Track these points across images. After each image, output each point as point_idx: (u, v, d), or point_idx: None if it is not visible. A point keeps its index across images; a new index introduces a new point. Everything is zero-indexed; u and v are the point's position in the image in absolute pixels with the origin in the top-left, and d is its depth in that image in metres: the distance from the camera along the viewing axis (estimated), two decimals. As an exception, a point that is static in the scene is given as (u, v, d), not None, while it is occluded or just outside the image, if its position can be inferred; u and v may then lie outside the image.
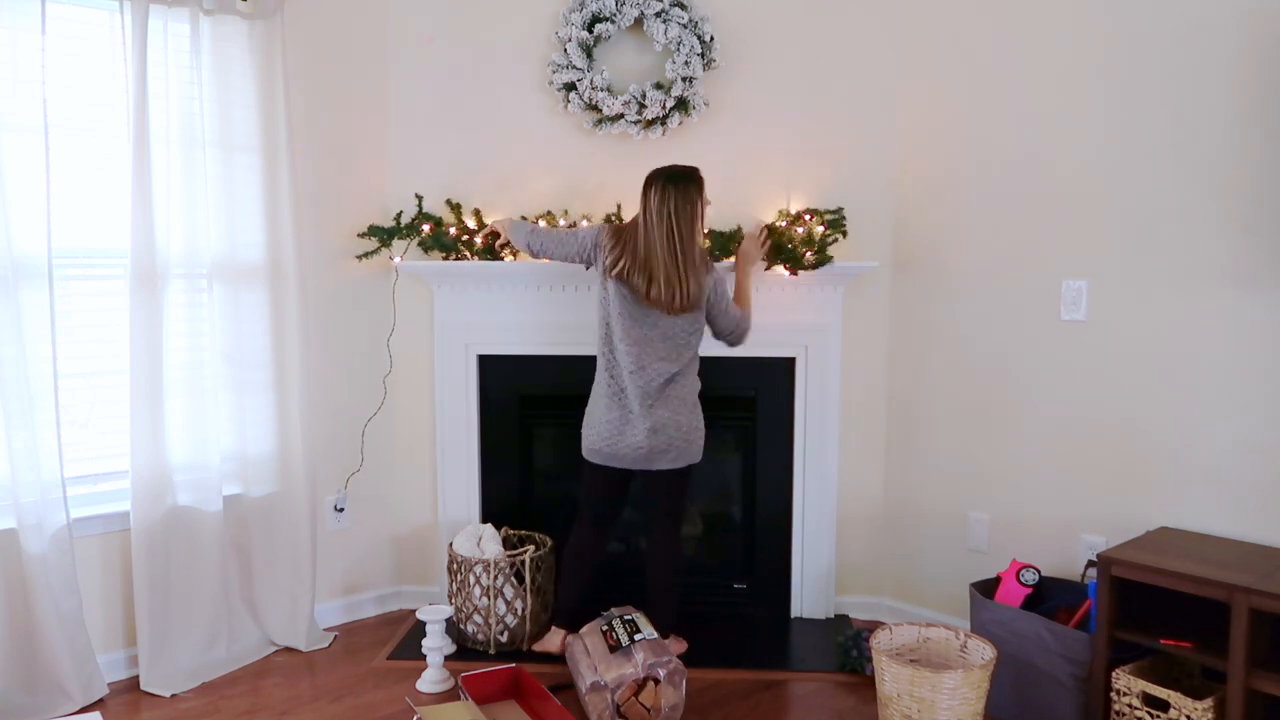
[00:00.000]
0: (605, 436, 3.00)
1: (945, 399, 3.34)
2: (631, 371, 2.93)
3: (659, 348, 2.93)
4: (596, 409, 3.04)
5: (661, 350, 2.93)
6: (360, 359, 3.53)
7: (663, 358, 2.93)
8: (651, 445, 2.94)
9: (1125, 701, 2.47)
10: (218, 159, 3.05)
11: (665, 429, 2.94)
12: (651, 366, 2.92)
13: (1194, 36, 2.69)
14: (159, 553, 2.97)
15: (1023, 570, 2.84)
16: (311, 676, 3.07)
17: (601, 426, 3.01)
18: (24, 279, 2.67)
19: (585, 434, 3.09)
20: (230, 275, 3.11)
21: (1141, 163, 2.81)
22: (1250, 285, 2.62)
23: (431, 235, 3.38)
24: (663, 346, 2.93)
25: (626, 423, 2.97)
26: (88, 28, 2.90)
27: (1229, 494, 2.68)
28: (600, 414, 3.02)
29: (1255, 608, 2.25)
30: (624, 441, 2.97)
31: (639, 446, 2.95)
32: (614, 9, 3.29)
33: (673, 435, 2.95)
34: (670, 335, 2.93)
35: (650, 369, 2.92)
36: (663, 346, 2.93)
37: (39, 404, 2.70)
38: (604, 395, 3.01)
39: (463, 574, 3.22)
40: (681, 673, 2.67)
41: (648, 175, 2.93)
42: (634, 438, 2.96)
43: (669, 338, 2.93)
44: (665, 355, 2.93)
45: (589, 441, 3.06)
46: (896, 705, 2.52)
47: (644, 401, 2.94)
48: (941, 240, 3.32)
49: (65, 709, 2.76)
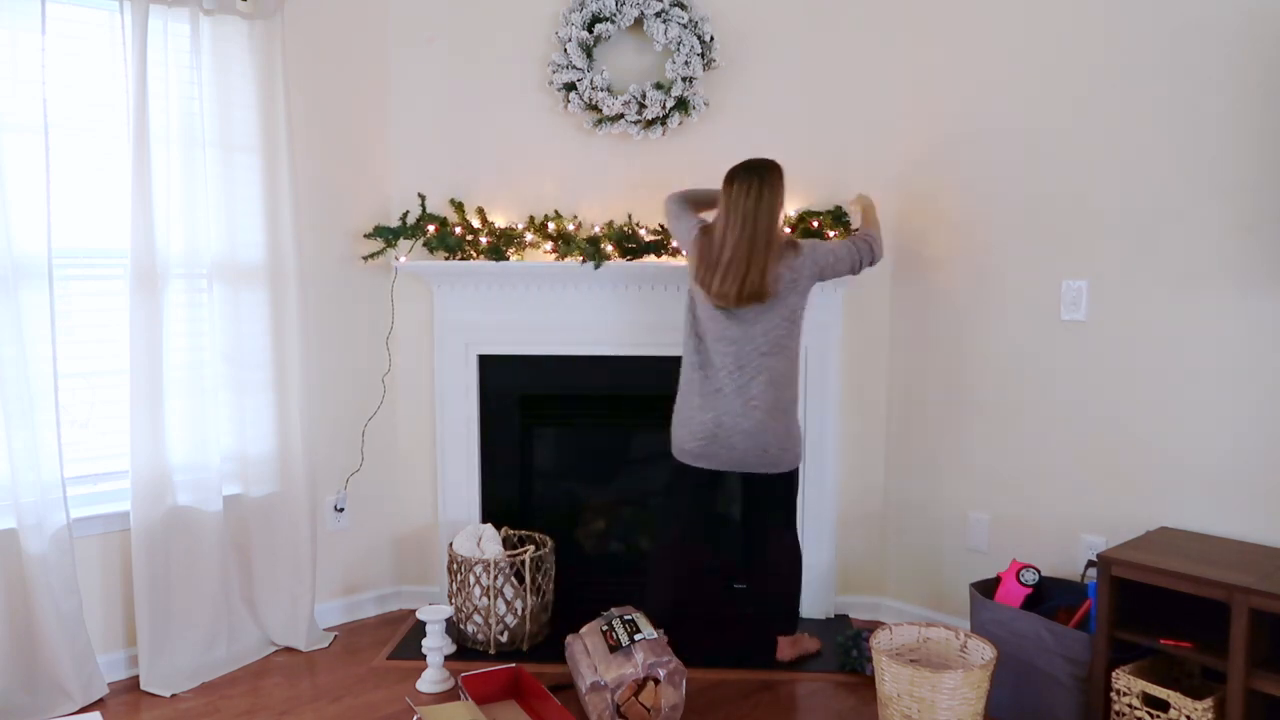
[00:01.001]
0: (697, 436, 2.93)
1: (945, 399, 3.34)
2: (729, 371, 2.89)
3: (759, 342, 2.88)
4: (689, 410, 2.97)
5: (763, 344, 2.89)
6: (360, 359, 3.53)
7: (764, 352, 2.89)
8: (746, 448, 2.90)
9: (1125, 701, 2.47)
10: (218, 159, 3.05)
11: (760, 434, 2.89)
12: (752, 362, 2.88)
13: (1194, 36, 2.69)
14: (159, 553, 2.97)
15: (1023, 570, 2.84)
16: (311, 676, 3.07)
17: (698, 428, 2.93)
18: (24, 279, 2.67)
19: (673, 432, 3.03)
20: (230, 275, 3.11)
21: (1142, 163, 2.81)
22: (1251, 285, 2.62)
23: (436, 235, 3.38)
24: (763, 340, 2.89)
25: (721, 425, 2.90)
26: (88, 28, 2.90)
27: (1229, 494, 2.68)
28: (695, 415, 2.94)
29: (1255, 608, 2.25)
30: (718, 443, 2.91)
31: (734, 448, 2.90)
32: (614, 9, 3.29)
33: (767, 442, 2.91)
34: (769, 329, 2.89)
35: (751, 365, 2.88)
36: (763, 340, 2.89)
37: (39, 404, 2.70)
38: (697, 395, 2.95)
39: (463, 574, 3.22)
40: (681, 673, 2.67)
41: (728, 173, 2.90)
42: (729, 439, 2.90)
43: (768, 331, 2.89)
44: (766, 350, 2.89)
45: (683, 443, 2.99)
46: (896, 705, 2.52)
47: (744, 400, 2.88)
48: (941, 240, 3.32)
49: (65, 709, 2.76)
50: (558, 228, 3.35)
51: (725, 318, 2.89)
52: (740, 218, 2.84)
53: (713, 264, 2.86)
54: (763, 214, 2.84)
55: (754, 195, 2.84)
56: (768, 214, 2.85)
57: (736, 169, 2.90)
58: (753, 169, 2.88)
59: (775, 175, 2.88)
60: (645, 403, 3.52)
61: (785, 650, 3.14)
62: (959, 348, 3.29)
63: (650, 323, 3.42)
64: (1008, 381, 3.17)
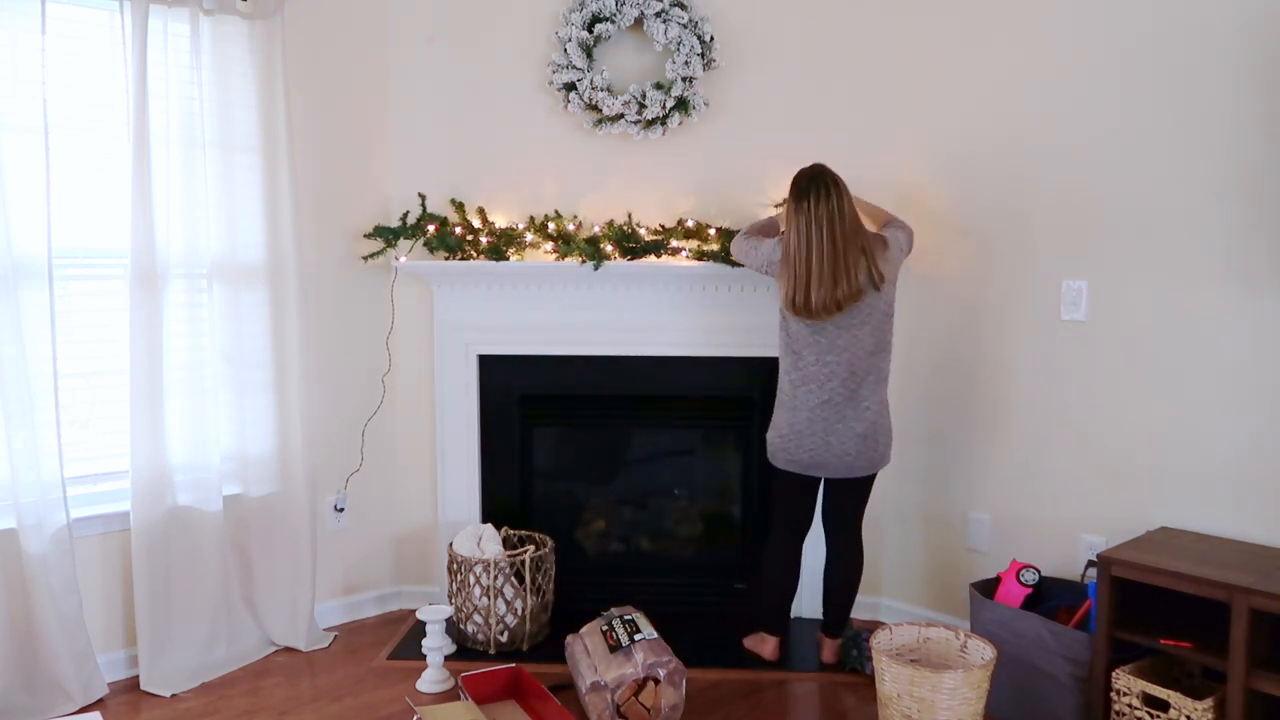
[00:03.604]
0: (808, 448, 2.91)
1: (945, 399, 3.34)
2: (844, 378, 2.87)
3: (867, 343, 2.87)
4: (793, 419, 2.93)
5: (869, 344, 2.87)
6: (360, 359, 3.53)
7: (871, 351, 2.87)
8: (858, 452, 2.90)
9: (1125, 701, 2.47)
10: (218, 159, 3.05)
11: (872, 435, 2.90)
12: (861, 364, 2.87)
13: (1195, 35, 2.69)
14: (159, 553, 2.97)
15: (1023, 570, 2.84)
16: (311, 676, 3.07)
17: (804, 438, 2.91)
18: (24, 279, 2.67)
19: (776, 441, 2.98)
20: (230, 275, 3.11)
21: (1142, 162, 2.81)
22: (1251, 284, 2.62)
23: (436, 235, 3.38)
24: (870, 340, 2.87)
25: (831, 433, 2.89)
26: (88, 28, 2.90)
27: (1229, 494, 2.68)
28: (798, 425, 2.91)
29: (1255, 608, 2.25)
30: (830, 451, 2.90)
31: (845, 454, 2.90)
32: (614, 9, 3.29)
33: (877, 442, 2.92)
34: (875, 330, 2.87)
35: (860, 368, 2.87)
36: (870, 340, 2.87)
37: (39, 404, 2.70)
38: (803, 410, 2.91)
39: (463, 574, 3.22)
40: (681, 673, 2.67)
41: (794, 187, 2.85)
42: (841, 446, 2.89)
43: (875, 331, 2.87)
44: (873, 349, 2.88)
45: (787, 453, 2.96)
46: (896, 705, 2.52)
47: (844, 412, 2.88)
48: (941, 240, 3.32)
49: (65, 709, 2.76)
50: (558, 228, 3.35)
51: (833, 328, 2.85)
52: (824, 224, 2.78)
53: (802, 278, 2.80)
54: (846, 214, 2.81)
55: (828, 199, 2.79)
56: (850, 213, 2.82)
57: (800, 183, 2.85)
58: (814, 176, 2.84)
59: (835, 176, 2.85)
60: (646, 402, 3.52)
61: (832, 652, 3.14)
62: (959, 347, 3.29)
63: (651, 323, 3.42)
64: (1007, 381, 3.17)
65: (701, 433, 3.62)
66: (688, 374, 3.47)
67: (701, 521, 3.68)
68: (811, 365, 2.89)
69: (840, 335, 2.86)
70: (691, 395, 3.50)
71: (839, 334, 2.86)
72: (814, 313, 2.81)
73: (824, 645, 3.16)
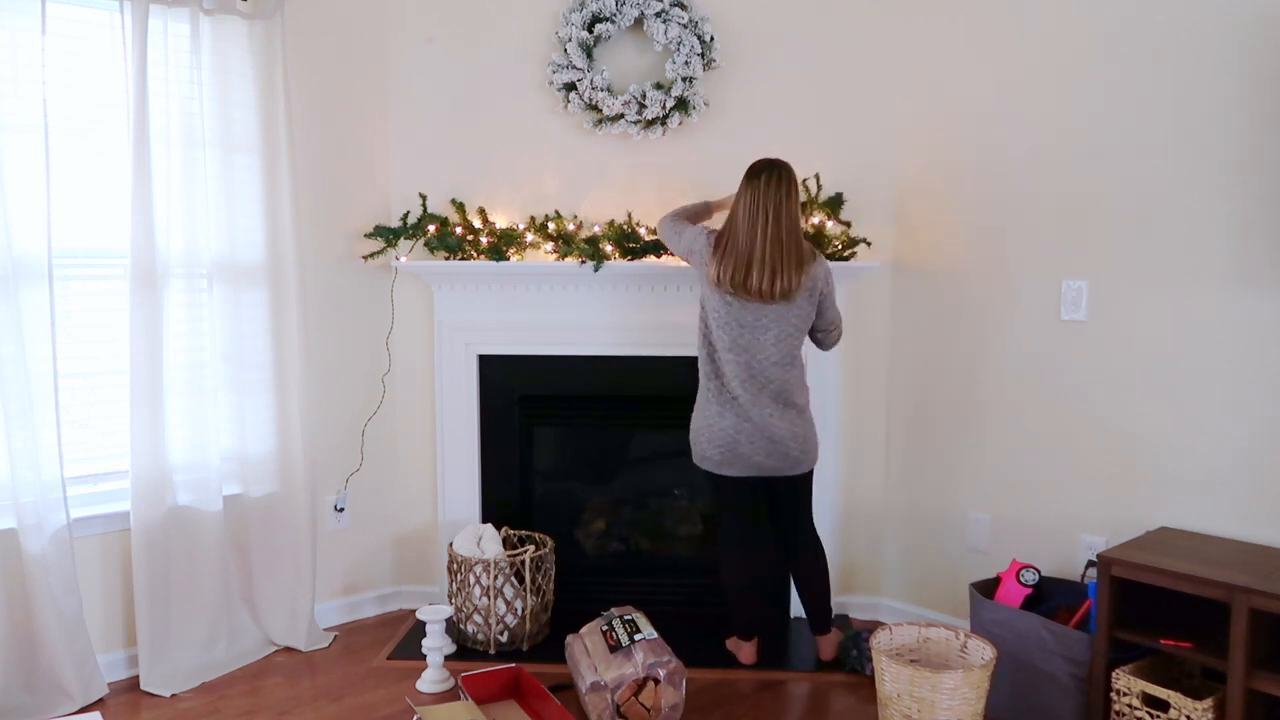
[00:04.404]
0: (721, 445, 2.91)
1: (945, 398, 3.34)
2: (744, 380, 2.87)
3: (770, 352, 2.86)
4: (707, 418, 2.94)
5: (774, 355, 2.87)
6: (360, 359, 3.53)
7: (775, 362, 2.87)
8: (777, 451, 2.89)
9: (1125, 702, 2.47)
10: (218, 159, 3.05)
11: (787, 436, 2.90)
12: (764, 373, 2.87)
13: (1194, 34, 2.69)
14: (159, 553, 2.97)
15: (1023, 570, 2.84)
16: (311, 676, 3.07)
17: (717, 435, 2.91)
18: (24, 279, 2.67)
19: (697, 442, 2.98)
20: (230, 275, 3.11)
21: (1142, 162, 2.81)
22: (1251, 284, 2.62)
23: (437, 235, 3.38)
24: (774, 350, 2.86)
25: (741, 431, 2.89)
26: (88, 28, 2.90)
27: (1229, 494, 2.68)
28: (714, 422, 2.92)
29: (1255, 608, 2.25)
30: (744, 449, 2.90)
31: (760, 449, 2.89)
32: (614, 9, 3.29)
33: (792, 444, 2.91)
34: (780, 339, 2.86)
35: (762, 375, 2.87)
36: (774, 350, 2.86)
37: (39, 404, 2.70)
38: (714, 403, 2.92)
39: (463, 574, 3.22)
40: (681, 673, 2.67)
41: (750, 168, 2.85)
42: (756, 444, 2.89)
43: (780, 341, 2.86)
44: (778, 360, 2.87)
45: (704, 451, 2.96)
46: (896, 705, 2.52)
47: (760, 408, 2.87)
48: (941, 240, 3.32)
49: (65, 709, 2.76)
50: (558, 228, 3.35)
51: (738, 329, 2.85)
52: (771, 210, 2.78)
53: (743, 259, 2.79)
54: (792, 208, 2.82)
55: (782, 189, 2.80)
56: (795, 209, 2.83)
57: (759, 164, 2.85)
58: (775, 164, 2.84)
59: (793, 173, 2.86)
60: (646, 403, 3.52)
61: (829, 649, 3.13)
62: (959, 347, 3.29)
63: (651, 323, 3.42)
64: (1008, 381, 3.17)
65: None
66: (688, 374, 3.46)
67: (701, 521, 3.68)
68: (720, 363, 2.89)
69: (744, 336, 2.86)
70: (692, 395, 3.49)
71: (744, 335, 2.85)
72: (751, 292, 2.79)
73: (819, 644, 3.15)
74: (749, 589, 3.10)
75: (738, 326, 2.87)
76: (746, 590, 3.10)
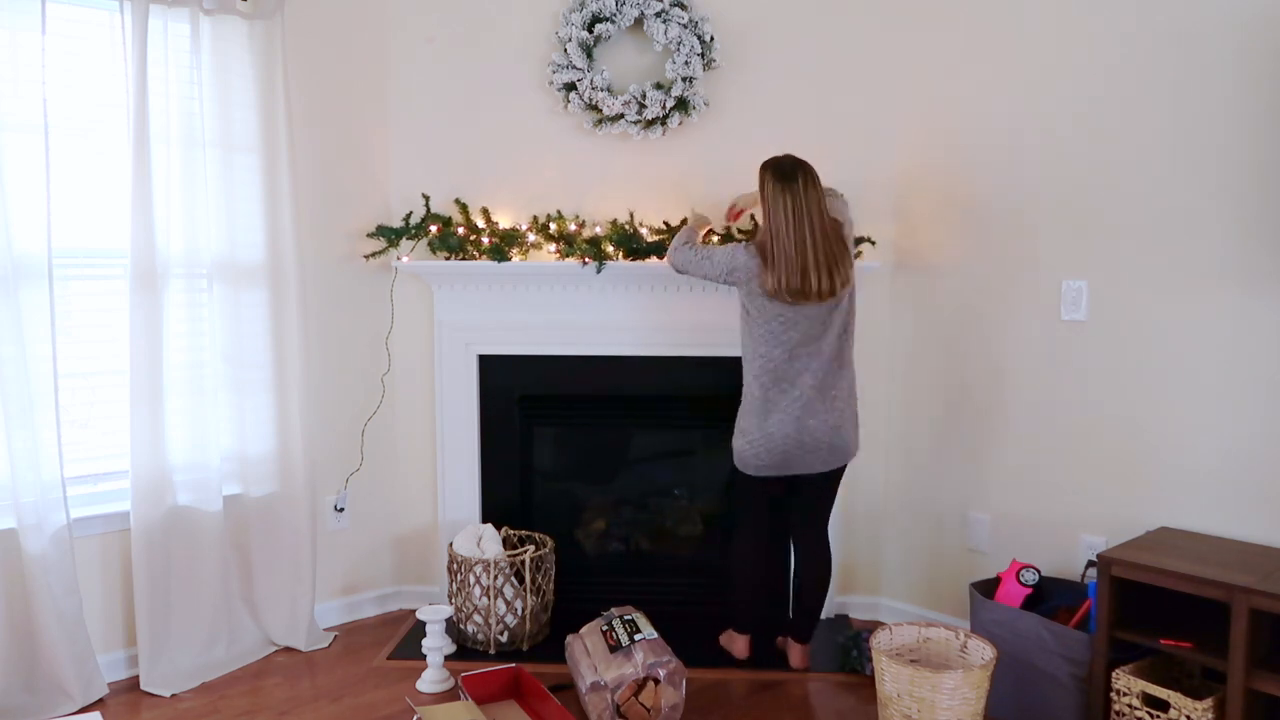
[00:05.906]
0: (778, 450, 2.88)
1: (945, 398, 3.34)
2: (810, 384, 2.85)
3: (829, 351, 2.86)
4: (762, 422, 2.89)
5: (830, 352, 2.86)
6: (360, 359, 3.53)
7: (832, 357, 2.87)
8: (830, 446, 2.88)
9: (1125, 702, 2.47)
10: (218, 159, 3.05)
11: (840, 431, 2.89)
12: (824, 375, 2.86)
13: (1194, 34, 2.69)
14: (159, 553, 2.97)
15: (1023, 570, 2.84)
16: (311, 676, 3.07)
17: (778, 443, 2.87)
18: (24, 279, 2.67)
19: (748, 449, 2.92)
20: (230, 275, 3.11)
21: (1142, 162, 2.81)
22: (1251, 284, 2.62)
23: (439, 235, 3.38)
24: (831, 347, 2.86)
25: (803, 431, 2.86)
26: (88, 28, 2.90)
27: (1229, 494, 2.68)
28: (771, 428, 2.87)
29: (1255, 608, 2.26)
30: (803, 448, 2.88)
31: (818, 448, 2.87)
32: (614, 9, 3.29)
33: (847, 438, 2.91)
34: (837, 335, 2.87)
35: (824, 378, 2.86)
36: (831, 347, 2.86)
37: (39, 404, 2.70)
38: (769, 408, 2.88)
39: (463, 574, 3.22)
40: (681, 672, 2.67)
41: (775, 171, 2.82)
42: (813, 441, 2.87)
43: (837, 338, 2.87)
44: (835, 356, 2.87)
45: (757, 458, 2.91)
46: (896, 705, 2.52)
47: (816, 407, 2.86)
48: (942, 240, 3.32)
49: (65, 709, 2.76)
50: (559, 228, 3.35)
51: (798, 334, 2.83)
52: (815, 211, 2.79)
53: (796, 264, 2.76)
54: (825, 204, 2.82)
55: (815, 187, 2.80)
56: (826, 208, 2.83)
57: (785, 165, 2.83)
58: (801, 163, 2.84)
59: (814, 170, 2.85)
60: (646, 403, 3.52)
61: (800, 658, 3.11)
62: (959, 347, 3.29)
63: (652, 323, 3.42)
64: (1007, 381, 3.17)
65: (701, 433, 3.62)
66: (688, 374, 3.47)
67: (701, 521, 3.67)
68: (783, 362, 2.86)
69: (813, 327, 2.85)
70: (692, 395, 3.50)
71: (811, 326, 2.85)
72: (810, 295, 2.78)
73: (791, 650, 3.11)
74: (758, 584, 3.10)
75: (797, 332, 2.84)
76: (756, 585, 3.10)
